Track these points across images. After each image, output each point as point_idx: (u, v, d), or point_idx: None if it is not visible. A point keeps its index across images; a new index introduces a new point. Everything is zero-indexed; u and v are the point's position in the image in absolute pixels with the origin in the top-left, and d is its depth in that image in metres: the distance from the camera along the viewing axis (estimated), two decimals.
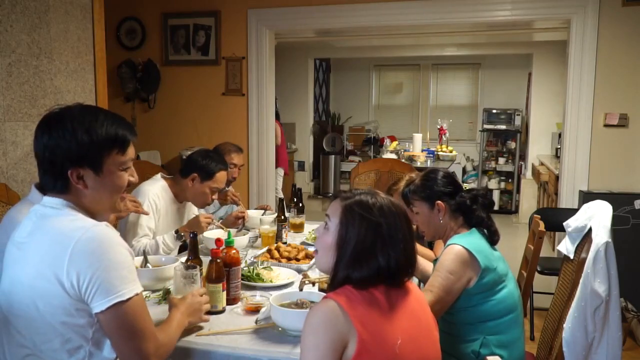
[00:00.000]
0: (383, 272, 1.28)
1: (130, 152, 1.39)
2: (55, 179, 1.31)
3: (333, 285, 1.33)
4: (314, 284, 1.92)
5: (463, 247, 1.78)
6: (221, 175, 2.60)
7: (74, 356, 1.27)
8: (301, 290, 1.85)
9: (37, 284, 1.25)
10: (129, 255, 1.31)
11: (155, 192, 2.53)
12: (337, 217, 1.34)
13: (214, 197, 2.63)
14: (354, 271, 1.29)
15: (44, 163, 1.31)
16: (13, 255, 1.33)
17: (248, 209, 3.50)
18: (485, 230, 1.92)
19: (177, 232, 2.41)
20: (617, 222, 3.48)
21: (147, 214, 2.39)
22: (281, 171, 6.00)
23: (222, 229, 2.62)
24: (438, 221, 1.94)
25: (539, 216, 2.46)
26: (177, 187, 2.62)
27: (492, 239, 1.91)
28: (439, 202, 1.93)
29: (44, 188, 1.35)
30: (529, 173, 7.17)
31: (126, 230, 2.46)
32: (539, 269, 3.25)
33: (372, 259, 1.28)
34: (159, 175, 2.66)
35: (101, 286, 1.23)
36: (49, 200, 1.33)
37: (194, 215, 2.66)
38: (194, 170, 2.55)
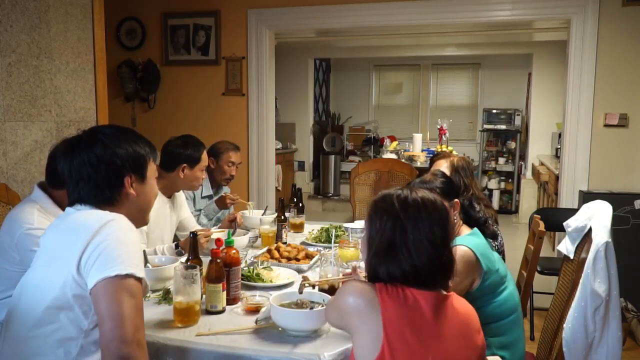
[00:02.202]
0: (407, 271, 1.25)
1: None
2: (111, 190, 1.35)
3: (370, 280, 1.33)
4: (314, 286, 1.92)
5: (469, 248, 1.78)
6: (204, 155, 2.74)
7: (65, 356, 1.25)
8: (301, 292, 1.85)
9: (44, 280, 1.27)
10: (139, 245, 1.32)
11: None
12: (367, 214, 1.35)
13: (203, 176, 2.76)
14: (380, 266, 1.27)
15: (97, 177, 1.33)
16: (38, 250, 1.37)
17: (248, 201, 3.51)
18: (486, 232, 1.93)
19: (177, 246, 2.41)
20: (617, 222, 3.48)
21: None
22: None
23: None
24: (453, 220, 1.91)
25: (539, 216, 2.46)
26: (163, 182, 2.59)
27: (490, 238, 1.92)
28: (456, 200, 1.93)
29: (85, 202, 1.35)
30: (529, 173, 7.17)
31: None
32: (539, 269, 3.24)
33: (394, 254, 1.25)
34: None
35: (103, 255, 1.21)
36: (82, 205, 1.35)
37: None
38: (180, 162, 2.63)
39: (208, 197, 3.28)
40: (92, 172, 1.32)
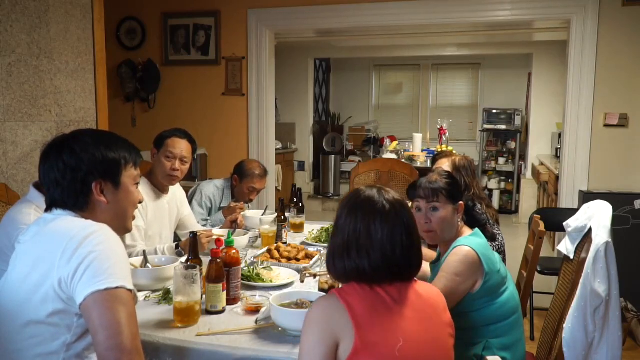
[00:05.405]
0: (361, 268, 1.28)
1: (139, 169, 1.45)
2: (76, 196, 1.32)
3: (329, 271, 1.38)
4: (315, 276, 1.93)
5: (472, 249, 1.77)
6: (172, 141, 2.57)
7: None
8: (302, 282, 1.86)
9: (25, 285, 1.24)
10: (126, 256, 1.29)
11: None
12: (339, 207, 1.38)
13: (174, 166, 2.55)
14: (338, 260, 1.31)
15: (63, 182, 1.31)
16: (13, 255, 1.33)
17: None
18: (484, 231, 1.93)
19: (177, 246, 2.41)
20: (617, 222, 3.48)
21: None
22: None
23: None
24: (456, 222, 1.90)
25: (539, 216, 2.46)
26: (154, 177, 2.60)
27: (489, 240, 1.92)
28: (461, 202, 1.92)
29: (59, 206, 1.33)
30: (529, 173, 7.17)
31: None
32: (539, 269, 3.25)
33: (354, 252, 1.29)
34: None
35: (91, 268, 1.18)
36: (59, 211, 1.33)
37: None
38: (153, 146, 2.60)
39: None
40: (59, 177, 1.31)
